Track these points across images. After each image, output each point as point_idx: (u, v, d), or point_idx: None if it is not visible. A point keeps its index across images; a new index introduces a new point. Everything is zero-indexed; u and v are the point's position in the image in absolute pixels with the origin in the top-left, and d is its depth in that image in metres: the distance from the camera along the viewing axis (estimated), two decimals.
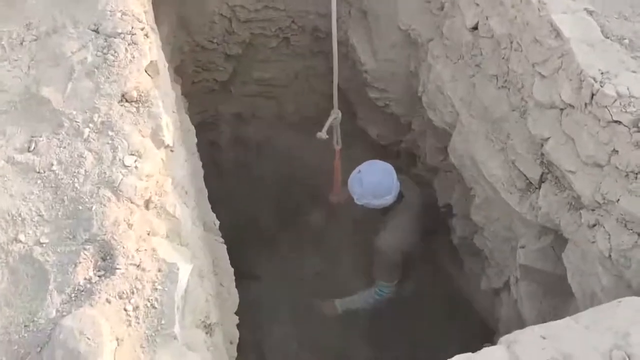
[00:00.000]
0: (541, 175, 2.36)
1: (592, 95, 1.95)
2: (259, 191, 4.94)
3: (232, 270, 2.51)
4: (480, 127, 2.68)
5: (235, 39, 3.84)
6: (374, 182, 3.14)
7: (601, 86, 1.93)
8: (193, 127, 2.88)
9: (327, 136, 3.28)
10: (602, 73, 1.96)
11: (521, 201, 2.52)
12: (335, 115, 3.31)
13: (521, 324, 2.70)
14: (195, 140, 2.91)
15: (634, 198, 1.86)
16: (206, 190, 2.72)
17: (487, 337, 3.15)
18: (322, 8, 3.62)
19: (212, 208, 2.75)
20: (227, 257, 2.52)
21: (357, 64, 3.61)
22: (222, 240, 2.56)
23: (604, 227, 2.01)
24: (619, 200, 1.92)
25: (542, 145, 2.27)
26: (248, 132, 4.63)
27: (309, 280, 4.41)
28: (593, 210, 2.06)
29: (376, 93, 3.59)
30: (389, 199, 3.19)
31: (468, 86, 2.77)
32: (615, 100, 1.88)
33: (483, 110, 2.65)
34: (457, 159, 2.94)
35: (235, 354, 2.33)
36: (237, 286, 2.51)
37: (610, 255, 1.98)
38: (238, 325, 2.38)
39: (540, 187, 2.38)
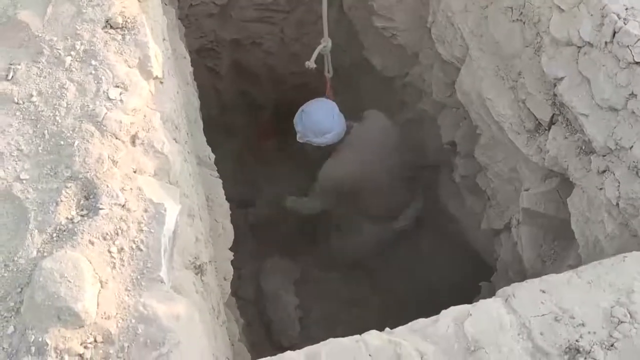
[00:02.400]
0: (552, 117, 2.24)
1: (614, 33, 1.81)
2: (259, 119, 4.86)
3: (227, 205, 2.46)
4: (490, 63, 2.54)
5: None
6: (313, 120, 3.19)
7: (624, 23, 1.78)
8: (188, 55, 2.74)
9: (315, 65, 3.21)
10: (626, 9, 1.81)
11: (528, 143, 2.42)
12: (325, 43, 3.23)
13: (520, 266, 2.67)
14: (191, 69, 2.77)
15: None
16: (201, 122, 2.62)
17: (485, 275, 3.15)
18: None
19: (212, 136, 2.65)
20: (222, 192, 2.45)
21: None
22: (217, 174, 2.49)
23: (614, 174, 1.93)
24: (632, 147, 1.82)
25: (555, 85, 2.14)
26: (248, 59, 4.46)
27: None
28: (604, 156, 1.97)
29: (382, 22, 3.40)
30: (329, 137, 3.20)
31: (480, 18, 2.59)
32: (639, 39, 1.74)
33: (494, 45, 2.50)
34: (464, 96, 2.82)
35: (229, 290, 2.31)
36: (234, 214, 2.46)
37: (618, 204, 1.90)
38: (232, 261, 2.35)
39: (549, 129, 2.27)
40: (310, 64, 3.17)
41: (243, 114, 4.83)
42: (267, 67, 4.53)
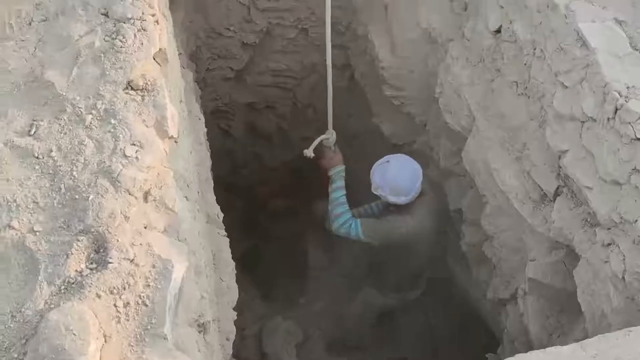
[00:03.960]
0: (557, 189, 2.28)
1: (616, 110, 1.87)
2: (270, 181, 4.93)
3: (233, 264, 2.47)
4: (497, 134, 2.60)
5: (252, 27, 3.78)
6: (397, 179, 2.90)
7: (626, 101, 1.85)
8: (203, 116, 2.83)
9: (313, 155, 3.07)
10: (627, 87, 1.88)
11: (534, 213, 2.44)
12: (329, 135, 3.06)
13: (526, 338, 2.64)
14: (205, 130, 2.86)
15: None
16: (212, 181, 2.67)
17: (492, 345, 3.09)
18: (343, 0, 3.54)
19: (223, 195, 2.69)
20: (229, 250, 2.47)
21: (375, 60, 3.53)
22: (224, 233, 2.52)
23: (619, 247, 1.94)
24: (637, 221, 1.85)
25: (559, 158, 2.19)
26: (261, 122, 4.58)
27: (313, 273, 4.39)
28: (609, 229, 1.99)
29: (392, 91, 3.50)
30: (404, 200, 2.95)
31: (486, 91, 2.68)
32: None
33: (500, 117, 2.57)
34: (470, 165, 2.87)
35: (231, 351, 2.29)
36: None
37: (623, 277, 1.90)
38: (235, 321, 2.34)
39: (554, 201, 2.30)
40: (309, 152, 3.06)
41: (253, 174, 4.91)
42: (280, 130, 4.64)
